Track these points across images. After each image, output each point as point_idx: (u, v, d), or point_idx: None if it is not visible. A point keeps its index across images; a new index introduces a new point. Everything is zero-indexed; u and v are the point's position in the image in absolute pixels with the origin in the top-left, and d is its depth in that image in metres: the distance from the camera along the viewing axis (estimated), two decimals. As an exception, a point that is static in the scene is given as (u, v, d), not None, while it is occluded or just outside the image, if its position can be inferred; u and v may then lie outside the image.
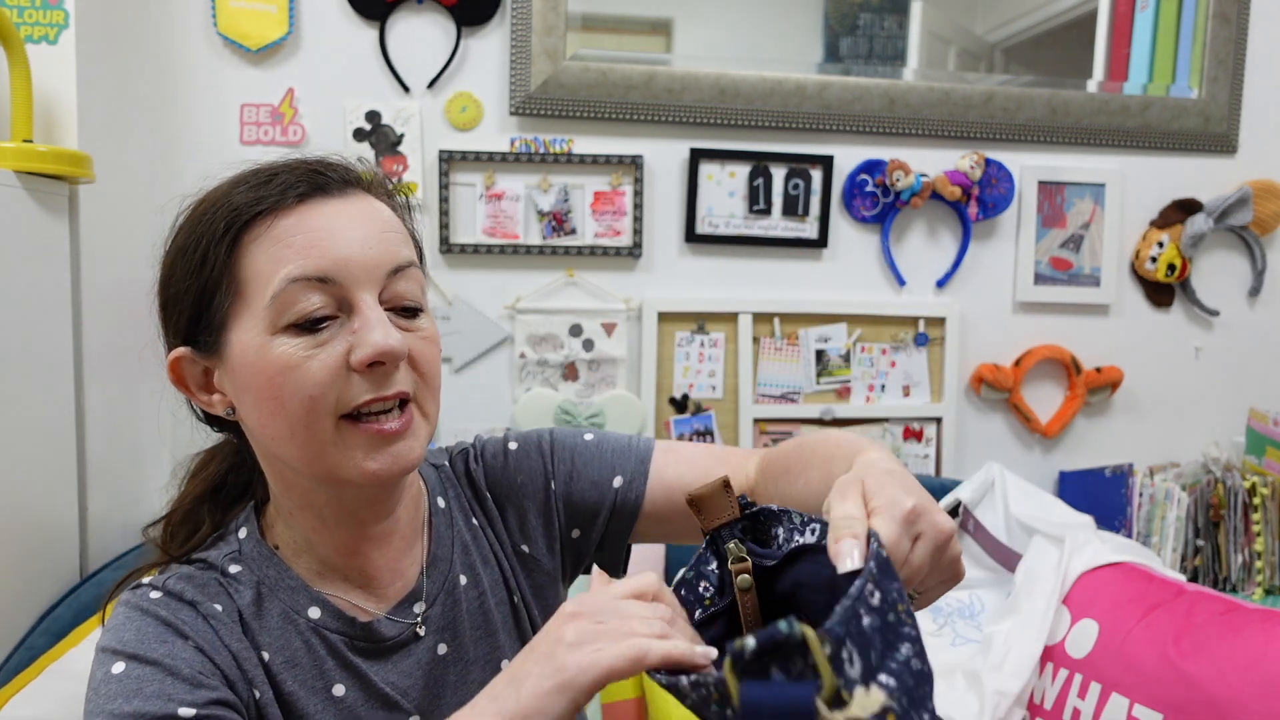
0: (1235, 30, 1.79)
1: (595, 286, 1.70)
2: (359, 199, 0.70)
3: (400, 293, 0.68)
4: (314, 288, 0.65)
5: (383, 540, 0.74)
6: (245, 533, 0.74)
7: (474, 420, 1.67)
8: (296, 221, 0.66)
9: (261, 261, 0.66)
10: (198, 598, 0.69)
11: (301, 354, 0.64)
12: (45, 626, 1.21)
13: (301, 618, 0.71)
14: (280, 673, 0.69)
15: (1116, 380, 1.83)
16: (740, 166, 1.72)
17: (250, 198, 0.67)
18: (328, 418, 0.65)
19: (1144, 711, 1.17)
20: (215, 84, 1.60)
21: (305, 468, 0.68)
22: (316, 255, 0.65)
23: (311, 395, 0.64)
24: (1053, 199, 1.81)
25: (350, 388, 0.65)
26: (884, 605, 0.48)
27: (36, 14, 1.28)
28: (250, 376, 0.66)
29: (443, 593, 0.76)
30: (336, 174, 0.70)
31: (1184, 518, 1.67)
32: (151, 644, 0.65)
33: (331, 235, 0.66)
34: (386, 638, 0.73)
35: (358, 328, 0.65)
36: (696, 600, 0.62)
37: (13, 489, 1.16)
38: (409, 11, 1.63)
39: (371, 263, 0.66)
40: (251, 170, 0.70)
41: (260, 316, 0.65)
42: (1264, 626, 1.16)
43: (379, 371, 0.66)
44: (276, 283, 0.65)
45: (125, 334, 1.48)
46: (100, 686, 0.63)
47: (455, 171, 1.65)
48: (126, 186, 1.47)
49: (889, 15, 1.74)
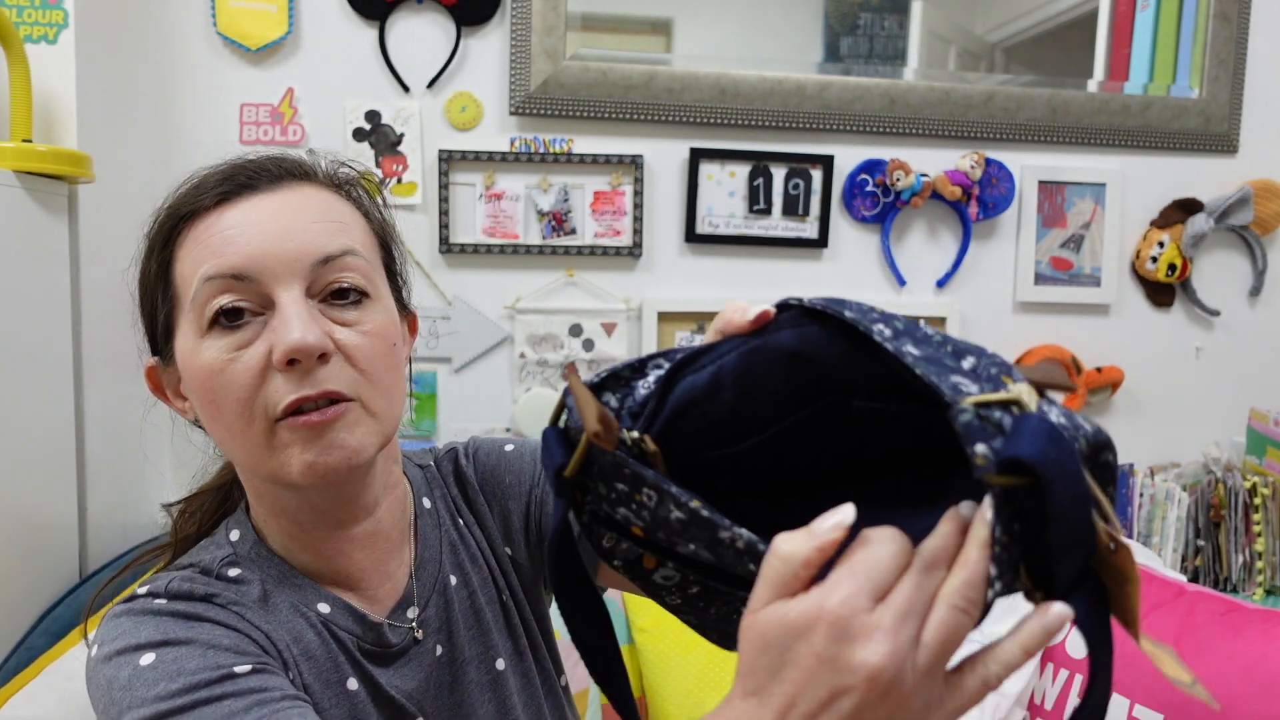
0: (1236, 30, 1.79)
1: (595, 286, 1.70)
2: (291, 191, 0.68)
3: (332, 283, 0.65)
4: (228, 286, 0.63)
5: (366, 542, 0.72)
6: (238, 534, 0.72)
7: (474, 420, 1.67)
8: (215, 221, 0.65)
9: (186, 265, 0.65)
10: (209, 591, 0.66)
11: (226, 356, 0.63)
12: (45, 626, 1.21)
13: (312, 611, 0.69)
14: (299, 662, 0.67)
15: (1117, 380, 1.83)
16: (740, 166, 1.72)
17: (179, 200, 0.67)
18: (260, 420, 0.63)
19: (1144, 712, 1.16)
20: (215, 84, 1.60)
21: (255, 470, 0.66)
22: (230, 253, 0.63)
23: (239, 399, 0.63)
24: (1053, 199, 1.81)
25: (275, 389, 0.62)
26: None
27: (36, 14, 1.28)
28: (190, 382, 0.66)
29: (434, 594, 0.75)
30: (269, 169, 0.69)
31: (1184, 518, 1.67)
32: (176, 631, 0.62)
33: (247, 231, 0.64)
34: (392, 644, 0.71)
35: (275, 325, 0.63)
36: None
37: (12, 489, 1.16)
38: (409, 11, 1.63)
39: (291, 255, 0.64)
40: (192, 175, 0.70)
41: (190, 320, 0.65)
42: (1264, 627, 1.16)
43: (299, 369, 0.62)
44: (195, 284, 0.64)
45: (125, 334, 1.47)
46: (131, 682, 0.59)
47: (455, 171, 1.65)
48: (126, 186, 1.47)
49: (889, 15, 1.74)
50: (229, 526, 0.73)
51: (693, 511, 0.46)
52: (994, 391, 0.43)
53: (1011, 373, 0.46)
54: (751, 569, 0.45)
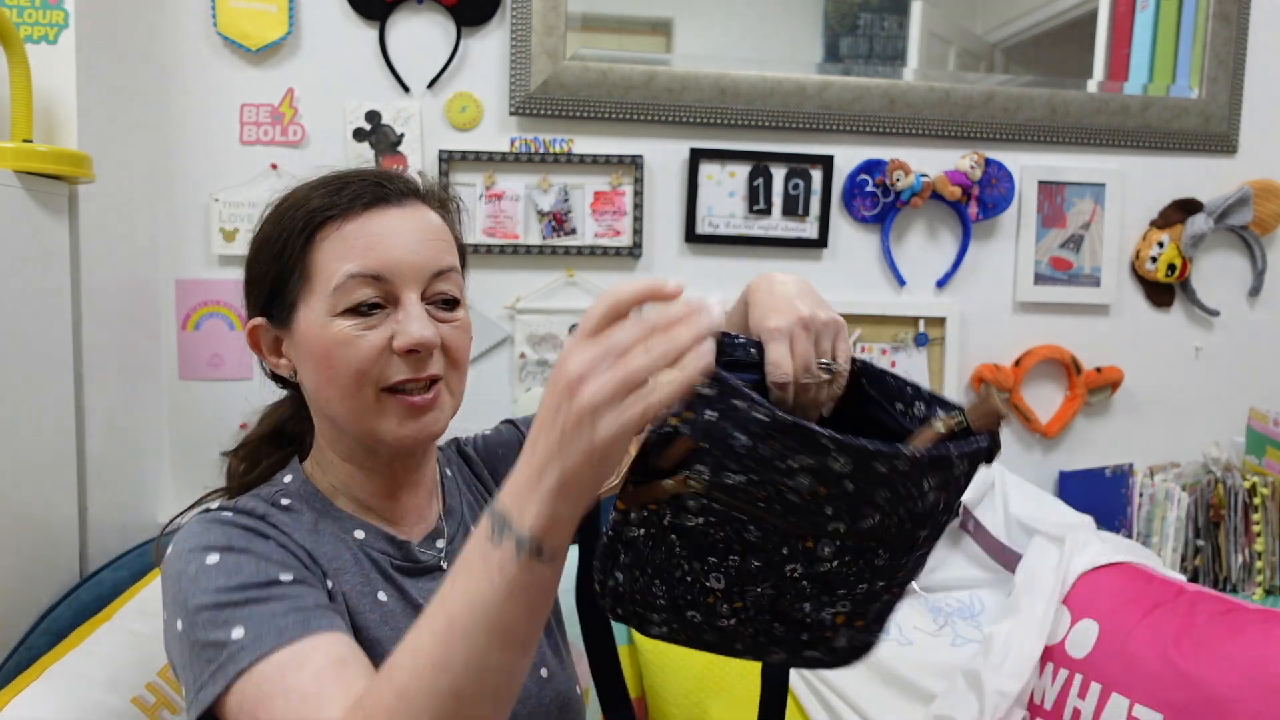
0: (1235, 30, 1.79)
1: (595, 286, 1.70)
2: (414, 208, 0.84)
3: (440, 290, 0.83)
4: (368, 283, 0.79)
5: (413, 487, 0.90)
6: (290, 478, 0.88)
7: (474, 420, 1.66)
8: (359, 226, 0.80)
9: (329, 257, 0.80)
10: (268, 512, 0.81)
11: (354, 333, 0.79)
12: (45, 627, 1.21)
13: (349, 537, 0.85)
14: (336, 575, 0.81)
15: (1116, 380, 1.83)
16: (740, 166, 1.72)
17: (324, 203, 0.81)
18: (370, 388, 0.80)
19: (1144, 712, 1.16)
20: (215, 84, 1.60)
21: (350, 426, 0.82)
22: (373, 257, 0.79)
23: (359, 369, 0.79)
24: (1053, 199, 1.81)
25: (391, 367, 0.80)
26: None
27: (36, 14, 1.28)
28: (312, 347, 0.81)
29: (459, 533, 0.91)
30: (397, 185, 0.84)
31: (1184, 518, 1.67)
32: (239, 540, 0.76)
33: (386, 240, 0.80)
34: (420, 561, 0.87)
35: (401, 319, 0.80)
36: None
37: (13, 489, 1.16)
38: (409, 11, 1.63)
39: (417, 266, 0.81)
40: (327, 178, 0.84)
41: (324, 301, 0.80)
42: (1264, 627, 1.16)
43: (414, 357, 0.80)
44: (339, 276, 0.79)
45: (125, 334, 1.48)
46: (198, 575, 0.73)
47: (455, 171, 1.65)
48: (126, 186, 1.47)
49: (889, 15, 1.74)
50: (283, 474, 0.89)
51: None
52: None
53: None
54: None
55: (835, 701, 1.34)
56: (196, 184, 1.60)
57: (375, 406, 0.81)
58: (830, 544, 0.64)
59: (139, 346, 1.54)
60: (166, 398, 1.61)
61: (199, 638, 0.71)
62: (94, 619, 1.21)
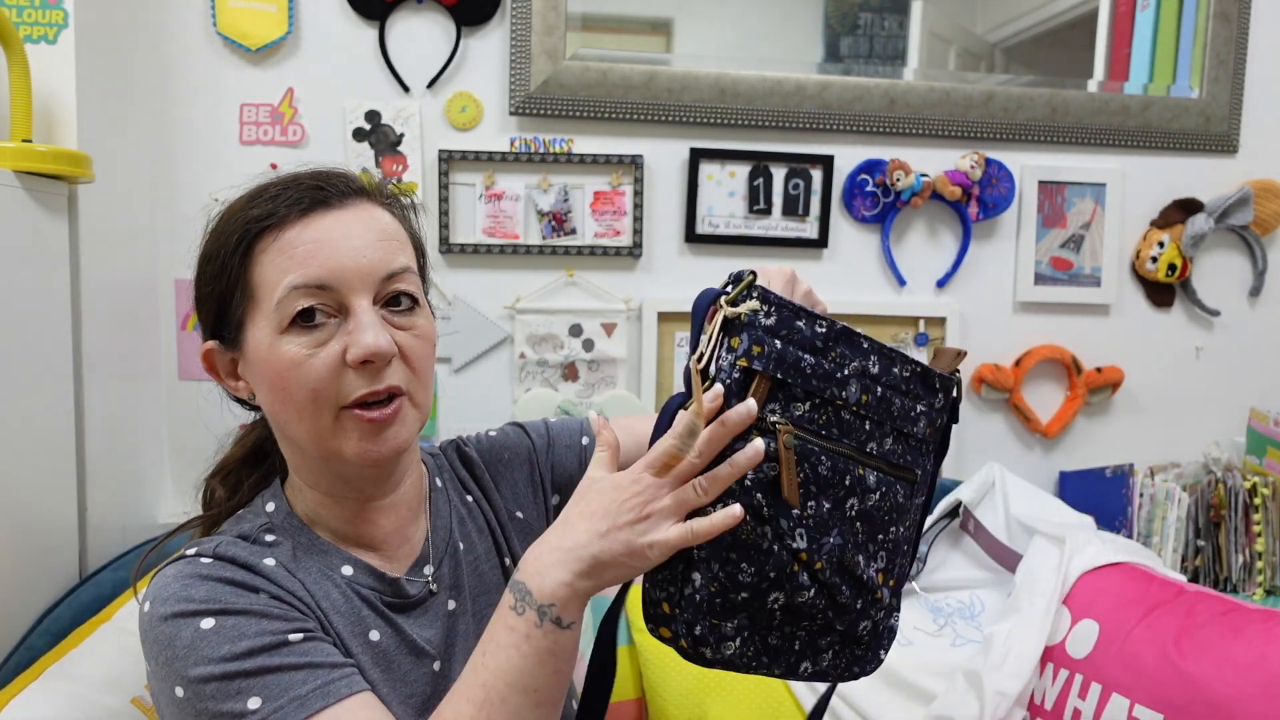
0: (1236, 30, 1.79)
1: (595, 286, 1.70)
2: (358, 208, 0.78)
3: (394, 292, 0.77)
4: (312, 294, 0.73)
5: (390, 510, 0.83)
6: (274, 506, 0.82)
7: (474, 420, 1.67)
8: (298, 234, 0.74)
9: (269, 271, 0.74)
10: (250, 559, 0.75)
11: (304, 352, 0.73)
12: (45, 627, 1.21)
13: (336, 574, 0.80)
14: (329, 614, 0.77)
15: (1117, 380, 1.83)
16: (740, 166, 1.72)
17: (259, 213, 0.76)
18: (329, 408, 0.74)
19: (1144, 712, 1.16)
20: (215, 84, 1.60)
21: (312, 448, 0.77)
22: (315, 265, 0.73)
23: (314, 389, 0.73)
24: (1053, 199, 1.81)
25: (347, 383, 0.74)
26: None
27: (36, 13, 1.28)
28: (263, 369, 0.75)
29: (446, 555, 0.87)
30: (337, 186, 0.78)
31: (1184, 518, 1.67)
32: (229, 599, 0.71)
33: (329, 246, 0.74)
34: (410, 595, 0.83)
35: (352, 329, 0.74)
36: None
37: (12, 489, 1.16)
38: (409, 11, 1.63)
39: (365, 270, 0.75)
40: (262, 185, 0.79)
41: (269, 318, 0.74)
42: (1265, 627, 1.16)
43: (370, 368, 0.74)
44: (281, 289, 0.73)
45: (125, 334, 1.48)
46: (195, 642, 0.68)
47: (455, 171, 1.65)
48: (126, 186, 1.47)
49: (889, 15, 1.74)
50: (265, 499, 0.83)
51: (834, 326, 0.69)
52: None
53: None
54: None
55: (835, 701, 1.34)
56: (196, 184, 1.60)
57: (334, 426, 0.75)
58: (872, 471, 0.71)
59: (139, 346, 1.54)
60: (166, 398, 1.61)
61: (209, 708, 0.67)
62: (94, 619, 1.21)
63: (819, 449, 0.67)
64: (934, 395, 0.74)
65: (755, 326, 0.66)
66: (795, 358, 0.66)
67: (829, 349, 0.68)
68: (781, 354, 0.66)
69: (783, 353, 0.66)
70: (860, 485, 0.69)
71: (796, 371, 0.66)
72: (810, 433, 0.67)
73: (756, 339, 0.66)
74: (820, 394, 0.67)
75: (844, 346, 0.68)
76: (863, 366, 0.69)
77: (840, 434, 0.68)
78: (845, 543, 0.69)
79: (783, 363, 0.66)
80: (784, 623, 0.70)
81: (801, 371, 0.66)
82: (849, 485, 0.69)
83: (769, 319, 0.66)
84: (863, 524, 0.70)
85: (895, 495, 0.72)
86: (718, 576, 0.67)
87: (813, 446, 0.67)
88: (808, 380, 0.67)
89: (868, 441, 0.70)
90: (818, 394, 0.67)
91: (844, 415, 0.68)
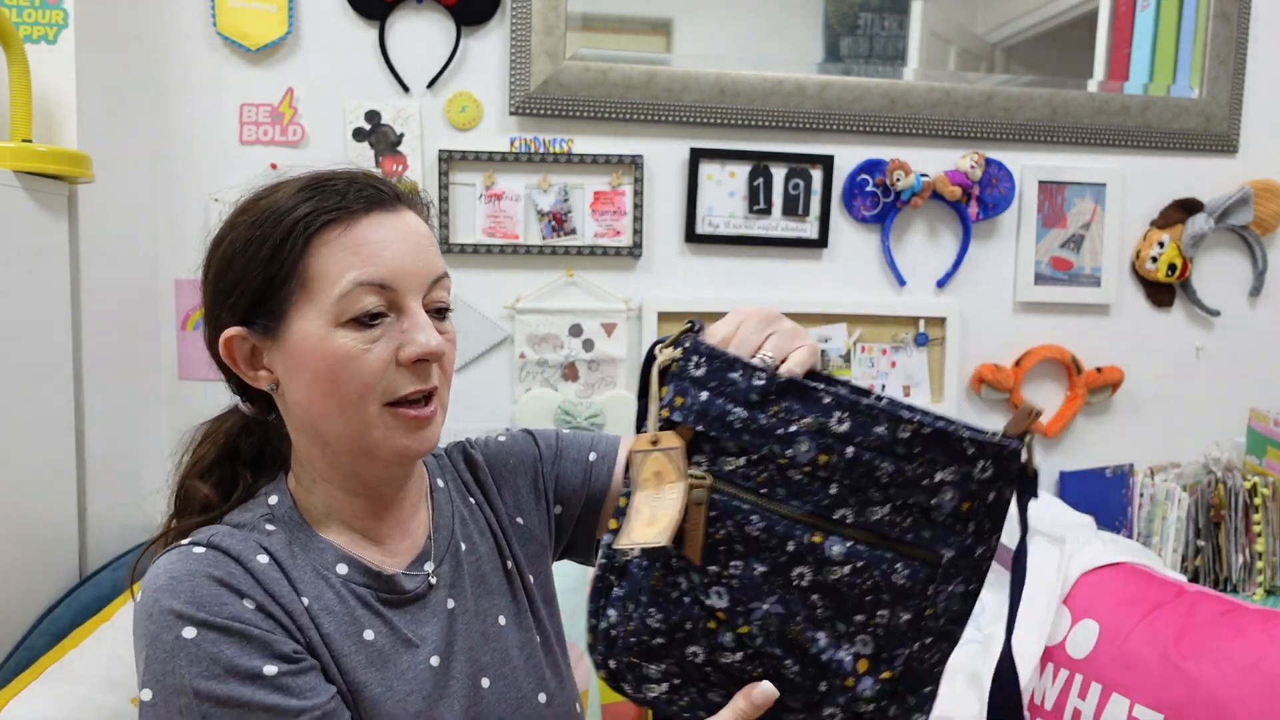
0: (1236, 30, 1.79)
1: (595, 286, 1.70)
2: (406, 214, 0.80)
3: (436, 299, 0.80)
4: (374, 291, 0.75)
5: (395, 506, 0.85)
6: (276, 499, 0.83)
7: (474, 420, 1.67)
8: (367, 230, 0.76)
9: (330, 263, 0.75)
10: (242, 553, 0.75)
11: (360, 347, 0.75)
12: (45, 627, 1.21)
13: (331, 574, 0.80)
14: (319, 616, 0.77)
15: (1117, 380, 1.83)
16: (740, 166, 1.72)
17: (322, 205, 0.76)
18: (375, 403, 0.76)
19: (1144, 712, 1.16)
20: (214, 84, 1.60)
21: (345, 442, 0.78)
22: (379, 264, 0.75)
23: (365, 383, 0.75)
24: (1053, 199, 1.81)
25: (397, 379, 0.76)
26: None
27: (36, 13, 1.28)
28: (308, 360, 0.76)
29: (447, 555, 0.87)
30: (390, 189, 0.80)
31: (1184, 518, 1.67)
32: (214, 606, 0.71)
33: (391, 247, 0.77)
34: (407, 590, 0.83)
35: (406, 328, 0.76)
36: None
37: (13, 489, 1.16)
38: (409, 11, 1.63)
39: (420, 273, 0.78)
40: (318, 178, 0.79)
41: (324, 310, 0.75)
42: (1265, 627, 1.16)
43: (422, 367, 0.77)
44: (344, 283, 0.75)
45: (125, 334, 1.48)
46: (174, 651, 0.69)
47: (455, 171, 1.65)
48: (126, 186, 1.47)
49: (889, 15, 1.74)
50: (268, 493, 0.83)
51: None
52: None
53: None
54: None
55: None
56: (196, 184, 1.60)
57: (378, 421, 0.76)
58: (840, 540, 0.62)
59: (138, 346, 1.54)
60: (166, 398, 1.61)
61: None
62: (94, 619, 1.21)
63: (750, 507, 0.62)
64: (968, 463, 0.62)
65: (684, 377, 0.64)
66: (721, 410, 0.63)
67: (767, 403, 0.62)
68: (704, 406, 0.63)
69: (706, 405, 0.63)
70: (814, 554, 0.62)
71: (722, 425, 0.63)
72: (744, 489, 0.63)
73: (681, 389, 0.64)
74: (755, 450, 0.62)
75: (791, 401, 0.62)
76: (819, 424, 0.62)
77: (789, 495, 0.62)
78: (789, 613, 0.63)
79: (704, 415, 0.63)
80: (724, 683, 0.66)
81: (729, 425, 0.63)
82: (793, 551, 0.62)
83: (698, 370, 0.64)
84: (823, 598, 0.63)
85: (891, 575, 0.62)
86: (631, 616, 0.65)
87: (740, 504, 0.62)
88: (737, 435, 0.62)
89: (835, 507, 0.62)
90: (751, 450, 0.62)
91: (792, 475, 0.62)
